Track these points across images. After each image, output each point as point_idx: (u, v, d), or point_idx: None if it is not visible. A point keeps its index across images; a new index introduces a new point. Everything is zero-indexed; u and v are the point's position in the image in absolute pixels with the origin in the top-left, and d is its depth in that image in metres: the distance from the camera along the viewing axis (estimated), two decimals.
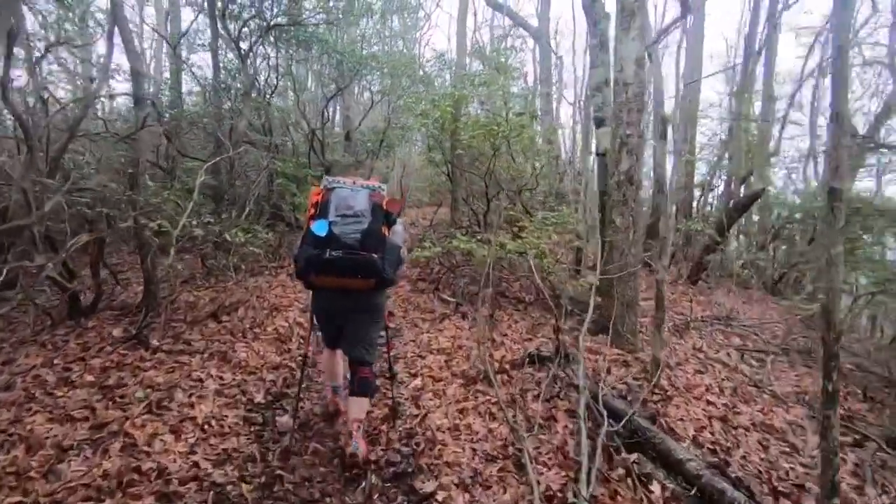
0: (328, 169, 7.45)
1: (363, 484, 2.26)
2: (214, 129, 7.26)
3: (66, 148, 4.93)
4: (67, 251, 3.73)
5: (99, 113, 7.46)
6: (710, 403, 3.79)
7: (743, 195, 8.45)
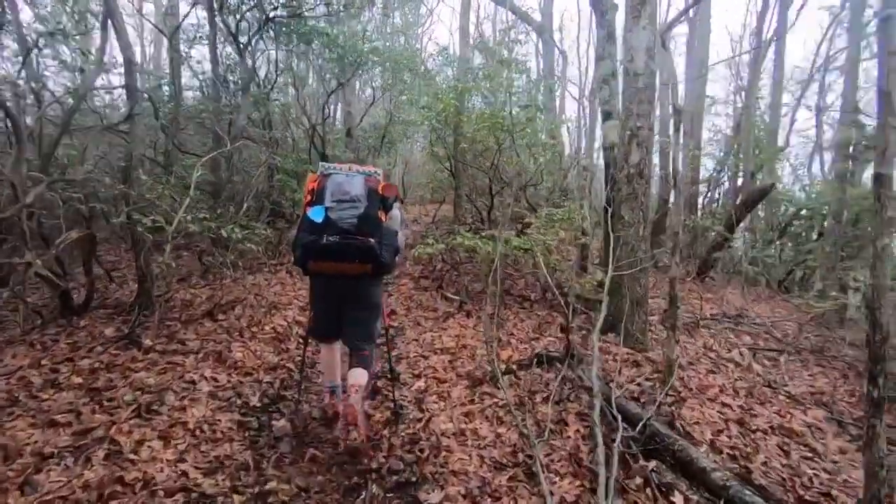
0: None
1: (363, 494, 2.11)
2: (213, 123, 7.12)
3: (59, 142, 4.80)
4: (57, 247, 3.60)
5: (98, 106, 7.30)
6: (725, 405, 3.64)
7: (752, 190, 8.26)
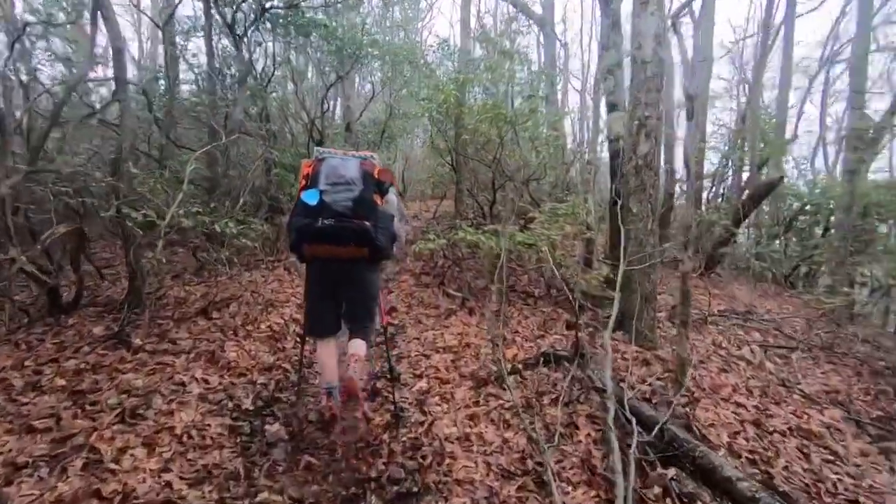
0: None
1: None
2: (208, 117, 6.95)
3: (47, 135, 4.65)
4: (43, 243, 3.46)
5: (94, 101, 7.13)
6: (739, 405, 3.50)
7: (760, 184, 8.08)
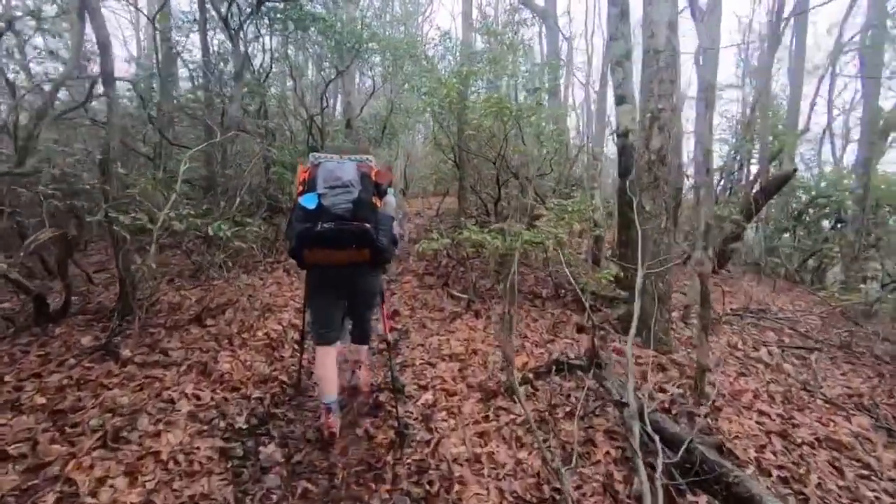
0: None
1: None
2: (204, 114, 6.76)
3: (33, 134, 4.47)
4: (26, 249, 3.28)
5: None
6: (762, 413, 3.31)
7: (772, 177, 7.85)
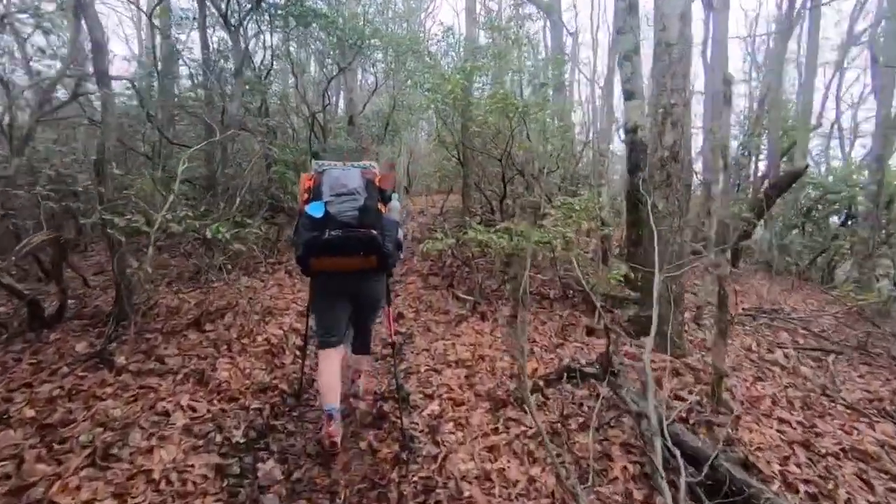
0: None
1: None
2: (204, 112, 6.65)
3: (30, 135, 4.37)
4: (17, 253, 3.18)
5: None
6: (783, 421, 3.17)
7: (783, 173, 7.67)
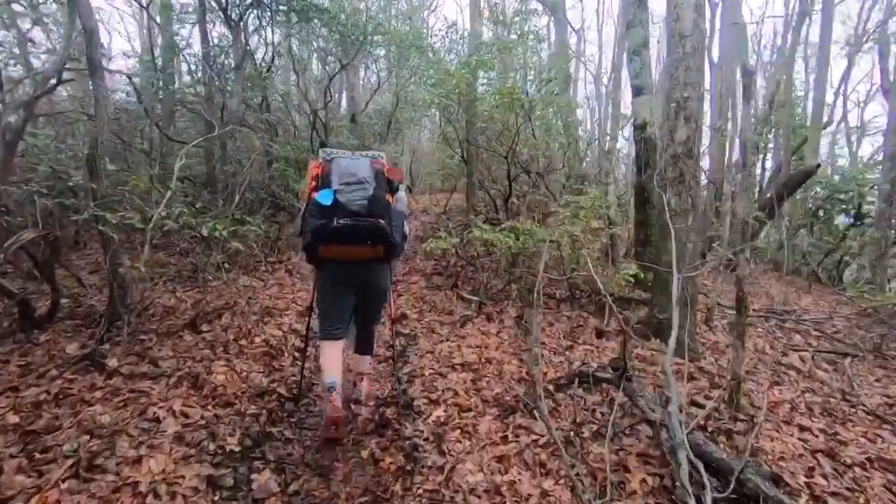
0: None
1: None
2: (203, 108, 6.54)
3: (23, 130, 4.26)
4: (6, 250, 3.06)
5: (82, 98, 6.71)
6: (804, 429, 3.02)
7: (795, 172, 7.52)
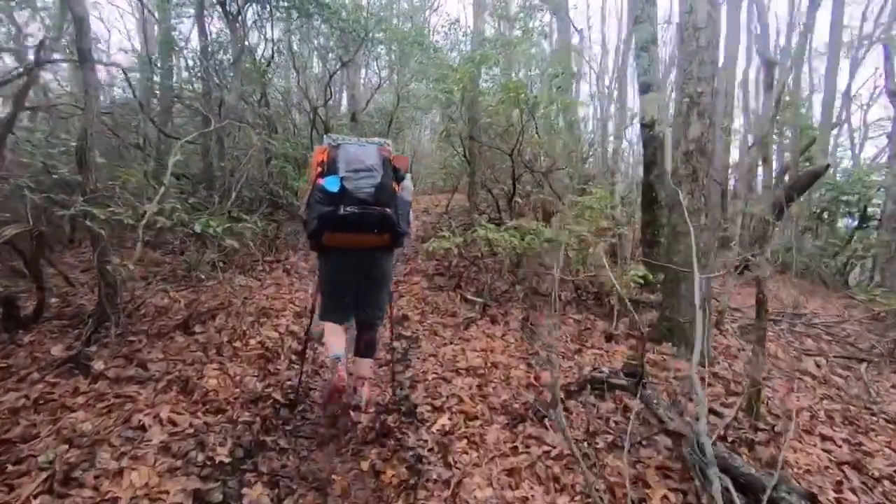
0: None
1: None
2: (201, 103, 6.40)
3: (12, 123, 4.11)
4: None
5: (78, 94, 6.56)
6: (826, 439, 2.87)
7: (803, 173, 7.37)
